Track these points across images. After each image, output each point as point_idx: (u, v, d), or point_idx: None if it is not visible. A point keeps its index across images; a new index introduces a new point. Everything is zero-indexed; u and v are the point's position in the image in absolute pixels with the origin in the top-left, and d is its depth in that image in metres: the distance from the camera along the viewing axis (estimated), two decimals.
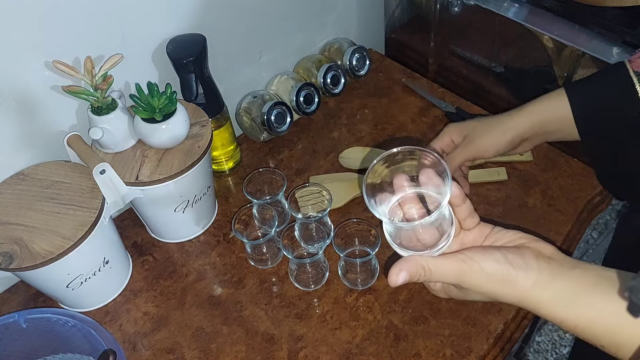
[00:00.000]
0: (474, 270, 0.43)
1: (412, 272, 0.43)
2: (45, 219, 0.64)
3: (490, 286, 0.43)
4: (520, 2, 0.87)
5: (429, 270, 0.44)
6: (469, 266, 0.43)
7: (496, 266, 0.42)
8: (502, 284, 0.43)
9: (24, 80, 0.66)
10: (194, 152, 0.70)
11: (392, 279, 0.44)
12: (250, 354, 0.67)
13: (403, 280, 0.43)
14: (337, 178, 0.85)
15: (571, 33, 0.81)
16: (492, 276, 0.43)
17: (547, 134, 0.68)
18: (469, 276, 0.43)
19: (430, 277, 0.44)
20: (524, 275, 0.42)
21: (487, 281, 0.43)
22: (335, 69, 0.95)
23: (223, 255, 0.78)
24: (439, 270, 0.44)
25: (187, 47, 0.74)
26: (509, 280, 0.42)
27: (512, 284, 0.42)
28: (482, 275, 0.43)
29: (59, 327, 0.61)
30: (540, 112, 0.66)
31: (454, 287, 0.47)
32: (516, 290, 0.43)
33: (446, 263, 0.44)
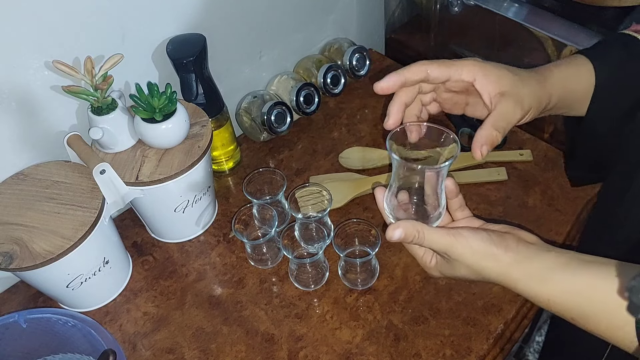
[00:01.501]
0: (461, 243, 0.48)
1: (407, 231, 0.48)
2: (45, 219, 0.64)
3: (475, 260, 0.48)
4: (520, 2, 0.87)
5: (422, 234, 0.49)
6: (457, 239, 0.48)
7: (480, 243, 0.48)
8: (484, 259, 0.48)
9: (24, 80, 0.66)
10: (194, 152, 0.70)
11: (389, 233, 0.48)
12: (250, 354, 0.67)
13: (398, 236, 0.48)
14: (337, 178, 0.85)
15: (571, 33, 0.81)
16: (476, 250, 0.48)
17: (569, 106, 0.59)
18: (456, 247, 0.48)
19: (423, 241, 0.49)
20: (504, 253, 0.47)
21: (472, 255, 0.48)
22: (335, 69, 0.95)
23: (223, 255, 0.78)
24: (430, 236, 0.49)
25: (187, 47, 0.74)
26: (490, 255, 0.48)
27: (494, 260, 0.48)
28: (467, 249, 0.48)
29: (59, 327, 0.61)
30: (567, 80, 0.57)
31: (445, 262, 0.52)
32: (497, 266, 0.48)
33: (438, 232, 0.49)
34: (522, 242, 0.49)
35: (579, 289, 0.45)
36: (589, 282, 0.44)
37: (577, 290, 0.45)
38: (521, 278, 0.47)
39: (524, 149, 0.86)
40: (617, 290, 0.42)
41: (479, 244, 0.48)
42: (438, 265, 0.54)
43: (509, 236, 0.49)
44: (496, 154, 0.86)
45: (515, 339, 0.69)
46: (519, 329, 0.69)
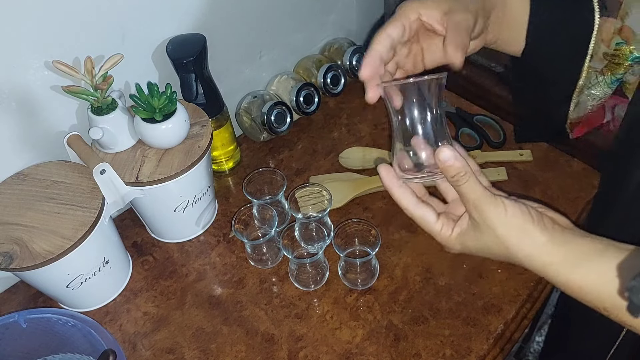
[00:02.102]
0: (498, 206, 0.44)
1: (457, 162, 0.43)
2: (45, 219, 0.64)
3: (506, 231, 0.44)
4: None
5: (468, 174, 0.44)
6: (495, 200, 0.44)
7: (519, 214, 0.44)
8: (518, 232, 0.44)
9: (24, 80, 0.66)
10: (194, 152, 0.70)
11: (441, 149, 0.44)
12: (250, 354, 0.67)
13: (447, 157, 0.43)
14: (337, 178, 0.85)
15: None
16: (511, 220, 0.44)
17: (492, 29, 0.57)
18: (491, 209, 0.44)
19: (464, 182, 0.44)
20: (539, 232, 0.43)
21: (505, 223, 0.44)
22: (335, 69, 0.95)
23: (223, 255, 0.78)
24: (473, 183, 0.44)
25: (187, 47, 0.74)
26: (525, 230, 0.44)
27: (527, 236, 0.44)
28: (502, 215, 0.44)
29: (59, 327, 0.61)
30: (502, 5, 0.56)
31: (470, 229, 0.47)
32: (529, 245, 0.44)
33: (481, 186, 0.44)
34: (556, 224, 0.45)
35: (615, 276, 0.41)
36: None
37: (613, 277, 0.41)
38: (553, 262, 0.44)
39: (524, 149, 0.86)
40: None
41: (517, 215, 0.44)
42: (461, 235, 0.48)
43: (546, 217, 0.45)
44: (496, 154, 0.86)
45: (515, 339, 0.69)
46: (519, 329, 0.69)
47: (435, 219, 0.49)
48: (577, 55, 0.57)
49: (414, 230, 0.77)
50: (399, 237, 0.77)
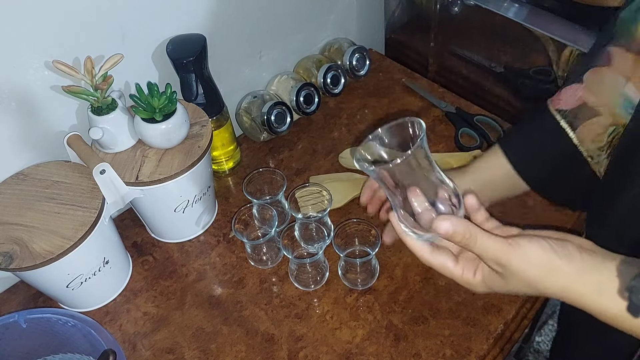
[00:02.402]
0: (518, 253, 0.42)
1: (457, 228, 0.42)
2: (45, 219, 0.64)
3: (534, 273, 0.42)
4: (520, 2, 0.87)
5: (474, 236, 0.43)
6: (513, 248, 0.42)
7: (540, 252, 0.42)
8: (545, 271, 0.42)
9: (24, 80, 0.66)
10: (194, 152, 0.70)
11: (437, 221, 0.43)
12: (250, 354, 0.67)
13: (446, 229, 0.42)
14: (337, 178, 0.85)
15: (571, 33, 0.81)
16: (535, 261, 0.42)
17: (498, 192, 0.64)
18: (512, 257, 0.42)
19: (474, 244, 0.43)
20: (567, 263, 0.42)
21: (530, 267, 0.42)
22: (335, 69, 0.95)
23: (223, 255, 0.78)
24: (483, 241, 0.43)
25: (187, 47, 0.74)
26: (552, 267, 0.42)
27: (556, 272, 0.42)
28: (525, 260, 0.42)
29: (59, 327, 0.61)
30: (483, 171, 0.63)
31: (495, 276, 0.45)
32: (560, 279, 0.42)
33: (492, 237, 0.43)
34: (584, 250, 0.43)
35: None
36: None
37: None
38: (589, 292, 0.41)
39: None
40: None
41: (539, 252, 0.42)
42: (486, 279, 0.47)
43: (569, 243, 0.43)
44: None
45: (515, 339, 0.69)
46: (519, 329, 0.69)
47: (454, 264, 0.48)
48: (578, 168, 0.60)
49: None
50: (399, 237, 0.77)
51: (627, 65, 0.55)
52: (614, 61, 0.56)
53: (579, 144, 0.59)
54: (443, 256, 0.48)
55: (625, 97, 0.56)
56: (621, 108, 0.56)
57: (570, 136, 0.59)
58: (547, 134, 0.61)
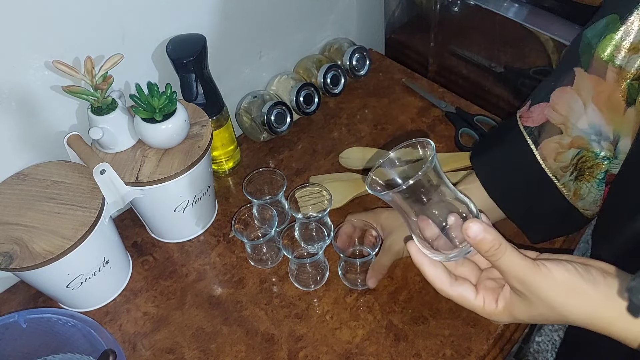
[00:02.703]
0: (543, 273, 0.41)
1: (488, 234, 0.41)
2: (45, 219, 0.64)
3: (558, 295, 0.41)
4: (520, 2, 0.87)
5: (503, 247, 0.41)
6: (540, 268, 0.41)
7: (566, 274, 0.41)
8: (571, 294, 0.41)
9: (24, 80, 0.66)
10: (194, 152, 0.70)
11: (469, 223, 0.41)
12: (250, 354, 0.67)
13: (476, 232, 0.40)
14: (337, 178, 0.85)
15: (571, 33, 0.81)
16: (561, 284, 0.41)
17: None
18: (536, 278, 0.41)
19: (501, 256, 0.41)
20: (593, 287, 0.40)
21: (555, 288, 0.41)
22: (335, 69, 0.95)
23: (223, 255, 0.78)
24: (510, 256, 0.41)
25: (187, 47, 0.74)
26: (578, 291, 0.40)
27: (582, 296, 0.40)
28: (550, 281, 0.41)
29: (59, 327, 0.61)
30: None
31: (519, 301, 0.44)
32: (585, 305, 0.40)
33: (519, 255, 0.42)
34: (608, 274, 0.41)
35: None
36: None
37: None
38: (617, 317, 0.40)
39: None
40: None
41: (564, 274, 0.41)
42: (508, 306, 0.44)
43: (593, 268, 0.41)
44: None
45: (515, 339, 0.69)
46: (519, 329, 0.69)
47: (474, 295, 0.46)
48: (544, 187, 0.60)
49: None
50: None
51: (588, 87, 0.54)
52: (577, 82, 0.56)
53: (542, 161, 0.58)
54: (463, 286, 0.47)
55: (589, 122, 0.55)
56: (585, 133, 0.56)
57: (534, 152, 0.59)
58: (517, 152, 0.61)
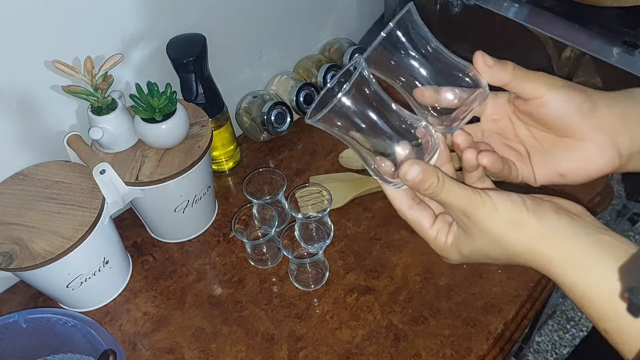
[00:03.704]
0: (485, 203, 0.39)
1: (426, 171, 0.38)
2: (45, 219, 0.64)
3: (499, 226, 0.39)
4: (520, 2, 0.87)
5: (442, 181, 0.39)
6: (481, 198, 0.39)
7: (509, 204, 0.38)
8: (511, 226, 0.38)
9: (24, 80, 0.66)
10: (194, 152, 0.70)
11: (404, 168, 0.39)
12: (250, 354, 0.67)
13: (414, 174, 0.38)
14: (337, 178, 0.85)
15: (571, 33, 0.81)
16: (502, 214, 0.38)
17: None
18: (478, 207, 0.39)
19: (440, 190, 0.39)
20: (537, 221, 0.38)
21: (497, 219, 0.39)
22: (335, 69, 0.95)
23: (223, 255, 0.78)
24: (451, 188, 0.39)
25: (187, 47, 0.74)
26: (519, 222, 0.38)
27: (522, 228, 0.38)
28: (492, 211, 0.39)
29: (59, 327, 0.61)
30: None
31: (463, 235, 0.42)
32: (526, 236, 0.38)
33: (460, 186, 0.39)
34: (563, 212, 0.39)
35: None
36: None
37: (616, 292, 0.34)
38: (557, 257, 0.37)
39: None
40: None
41: (507, 204, 0.38)
42: (455, 242, 0.43)
43: (547, 203, 0.39)
44: None
45: (515, 339, 0.69)
46: (519, 329, 0.69)
47: (430, 224, 0.44)
48: None
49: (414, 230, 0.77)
50: (399, 237, 0.77)
51: None
52: None
53: None
54: (422, 212, 0.44)
55: None
56: None
57: None
58: None
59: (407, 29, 0.41)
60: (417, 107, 0.44)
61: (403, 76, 0.42)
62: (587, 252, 0.36)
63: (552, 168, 0.45)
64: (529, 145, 0.46)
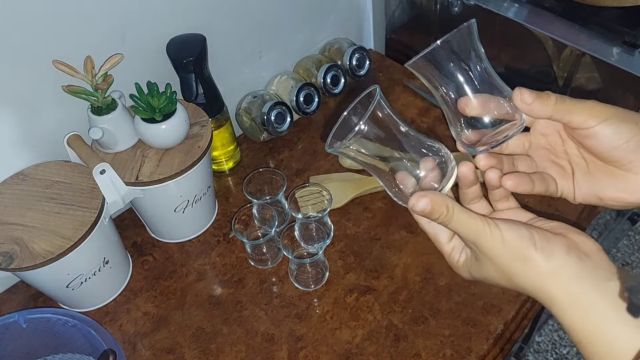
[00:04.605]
0: (494, 235, 0.39)
1: (435, 202, 0.39)
2: (45, 219, 0.64)
3: (506, 259, 0.39)
4: (520, 2, 0.87)
5: (451, 211, 0.39)
6: (490, 229, 0.39)
7: (517, 239, 0.38)
8: (518, 261, 0.38)
9: (24, 80, 0.66)
10: (194, 152, 0.70)
11: (412, 200, 0.39)
12: (250, 354, 0.67)
13: (423, 206, 0.39)
14: (337, 178, 0.85)
15: (571, 33, 0.81)
16: (509, 248, 0.38)
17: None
18: (486, 239, 0.39)
19: (450, 220, 0.39)
20: (544, 259, 0.38)
21: (503, 252, 0.39)
22: (335, 69, 0.95)
23: (223, 255, 0.78)
24: (460, 217, 0.39)
25: (187, 47, 0.74)
26: (526, 257, 0.38)
27: (529, 264, 0.38)
28: (499, 244, 0.39)
29: (59, 327, 0.61)
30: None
31: (473, 260, 0.43)
32: (532, 273, 0.38)
33: (470, 215, 0.40)
34: (574, 250, 0.38)
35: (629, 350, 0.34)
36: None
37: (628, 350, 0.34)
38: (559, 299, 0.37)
39: None
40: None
41: (515, 239, 0.38)
42: (467, 263, 0.44)
43: (558, 239, 0.39)
44: None
45: (515, 339, 0.69)
46: (519, 329, 0.69)
47: (447, 239, 0.45)
48: None
49: (414, 231, 0.77)
50: (399, 237, 0.77)
51: None
52: None
53: None
54: (440, 227, 0.44)
55: None
56: None
57: None
58: None
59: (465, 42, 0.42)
60: (451, 118, 0.45)
61: (445, 87, 0.43)
62: (590, 299, 0.36)
63: (594, 191, 0.45)
64: (575, 164, 0.46)
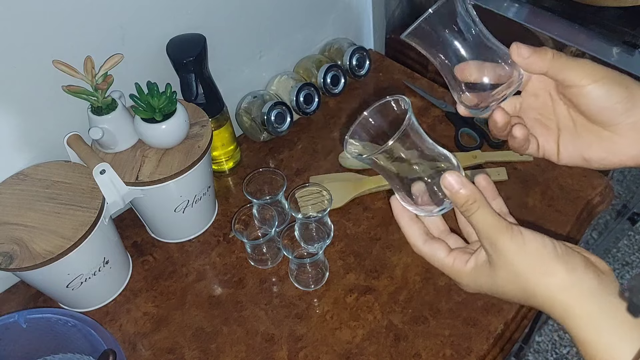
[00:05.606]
0: (515, 239, 0.38)
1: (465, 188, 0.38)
2: (45, 219, 0.64)
3: (525, 266, 0.38)
4: (520, 2, 0.87)
5: (477, 203, 0.38)
6: (513, 232, 0.38)
7: (540, 247, 0.37)
8: (537, 269, 0.37)
9: (24, 80, 0.66)
10: (194, 152, 0.70)
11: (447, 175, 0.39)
12: (250, 354, 0.67)
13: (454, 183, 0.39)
14: (337, 178, 0.85)
15: (571, 33, 0.81)
16: (530, 254, 0.37)
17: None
18: (505, 238, 0.38)
19: (475, 212, 0.39)
20: (564, 270, 0.37)
21: (523, 260, 0.38)
22: (335, 69, 0.95)
23: (223, 255, 0.78)
24: (484, 213, 0.39)
25: (187, 47, 0.74)
26: (546, 267, 0.37)
27: (548, 275, 0.37)
28: (520, 249, 0.38)
29: (59, 327, 0.61)
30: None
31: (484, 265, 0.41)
32: (550, 285, 0.37)
33: (493, 214, 0.39)
34: (592, 268, 0.37)
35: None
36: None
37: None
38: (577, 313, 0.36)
39: None
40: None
41: (537, 246, 0.37)
42: (476, 269, 0.42)
43: (578, 255, 0.38)
44: (496, 153, 0.86)
45: (515, 339, 0.69)
46: (519, 329, 0.69)
47: (446, 254, 0.44)
48: None
49: None
50: (399, 237, 0.77)
51: None
52: None
53: None
54: (436, 245, 0.45)
55: None
56: None
57: None
58: None
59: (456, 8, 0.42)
60: (452, 84, 0.46)
61: (443, 53, 0.44)
62: (607, 316, 0.36)
63: (579, 152, 0.46)
64: (562, 125, 0.46)
